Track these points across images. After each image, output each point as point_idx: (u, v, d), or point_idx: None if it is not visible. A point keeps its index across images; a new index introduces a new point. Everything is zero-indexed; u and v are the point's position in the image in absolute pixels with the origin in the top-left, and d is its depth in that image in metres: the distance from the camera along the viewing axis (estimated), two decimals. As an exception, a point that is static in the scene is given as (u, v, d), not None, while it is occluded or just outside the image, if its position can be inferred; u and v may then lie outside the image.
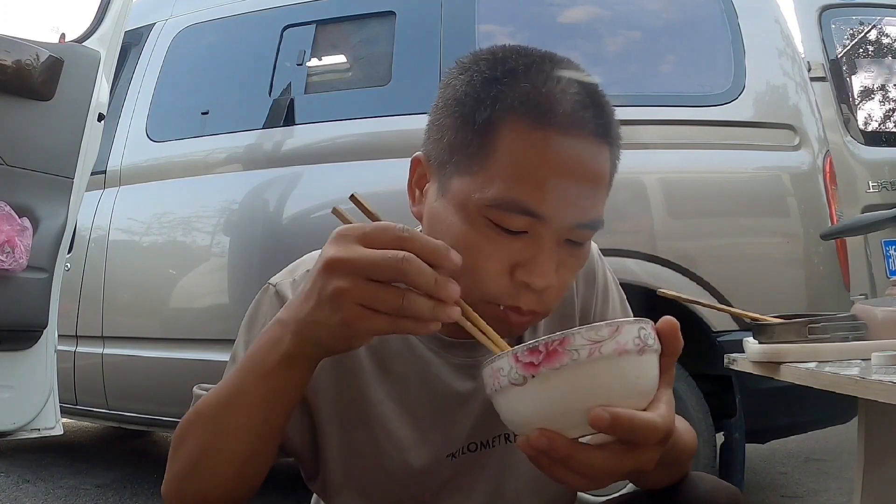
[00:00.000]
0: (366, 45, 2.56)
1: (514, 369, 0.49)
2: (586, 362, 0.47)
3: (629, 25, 2.28)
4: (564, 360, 0.47)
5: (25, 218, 1.82)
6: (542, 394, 0.48)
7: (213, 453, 0.59)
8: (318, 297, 0.51)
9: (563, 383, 0.48)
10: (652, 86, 2.14)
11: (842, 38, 3.00)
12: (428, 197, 0.70)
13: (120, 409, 2.47)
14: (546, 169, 0.60)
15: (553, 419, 0.49)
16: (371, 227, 0.51)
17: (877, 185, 2.74)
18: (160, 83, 2.65)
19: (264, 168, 2.37)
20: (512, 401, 0.50)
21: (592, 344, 0.47)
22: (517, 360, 0.49)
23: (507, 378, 0.49)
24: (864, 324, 1.03)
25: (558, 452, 0.49)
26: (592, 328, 0.48)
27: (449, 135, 0.65)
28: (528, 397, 0.49)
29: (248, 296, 2.67)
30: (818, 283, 1.98)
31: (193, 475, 0.60)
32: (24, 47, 1.79)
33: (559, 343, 0.47)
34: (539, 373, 0.48)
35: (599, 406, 0.47)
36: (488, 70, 0.64)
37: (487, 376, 0.52)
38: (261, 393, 0.57)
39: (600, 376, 0.48)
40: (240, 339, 0.75)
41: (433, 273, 0.50)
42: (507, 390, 0.50)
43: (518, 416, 0.51)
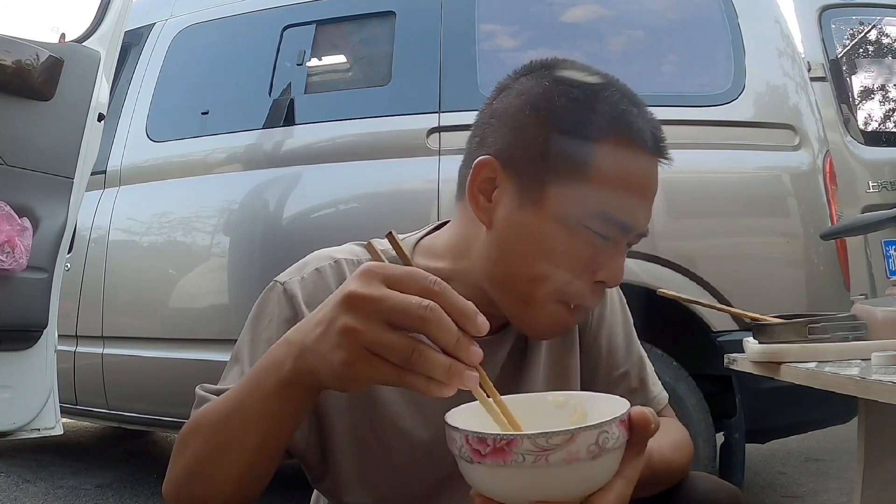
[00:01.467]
0: (366, 45, 2.56)
1: (464, 449, 0.50)
2: (530, 467, 0.47)
3: (629, 25, 2.28)
4: (508, 459, 0.48)
5: (25, 218, 1.82)
6: (487, 477, 0.50)
7: (211, 464, 0.59)
8: (327, 329, 0.49)
9: (507, 477, 0.49)
10: (652, 86, 2.13)
11: (842, 38, 3.00)
12: (502, 204, 0.70)
13: (120, 409, 2.47)
14: (639, 188, 0.69)
15: (498, 496, 0.51)
16: (401, 271, 0.49)
17: (877, 185, 2.74)
18: (160, 83, 2.65)
19: (264, 168, 2.37)
20: (463, 467, 0.52)
21: (540, 451, 0.47)
22: (467, 441, 0.49)
23: (458, 451, 0.51)
24: (864, 324, 1.02)
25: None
26: (542, 436, 0.47)
27: (540, 146, 0.68)
28: (475, 475, 0.51)
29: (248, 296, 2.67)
30: (818, 283, 1.98)
31: (192, 482, 0.61)
32: (24, 47, 1.79)
33: (506, 444, 0.47)
34: (484, 462, 0.48)
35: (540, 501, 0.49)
36: (578, 90, 0.68)
37: (448, 437, 0.53)
38: (259, 412, 0.56)
39: (545, 479, 0.48)
40: (244, 336, 0.74)
41: (458, 330, 0.47)
42: (463, 461, 0.51)
43: (469, 479, 0.53)
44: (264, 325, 0.72)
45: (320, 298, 0.70)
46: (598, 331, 0.84)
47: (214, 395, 0.67)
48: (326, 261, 0.76)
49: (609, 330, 0.85)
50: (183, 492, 0.61)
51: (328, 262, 0.75)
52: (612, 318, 0.86)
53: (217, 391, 0.68)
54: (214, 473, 0.59)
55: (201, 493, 0.60)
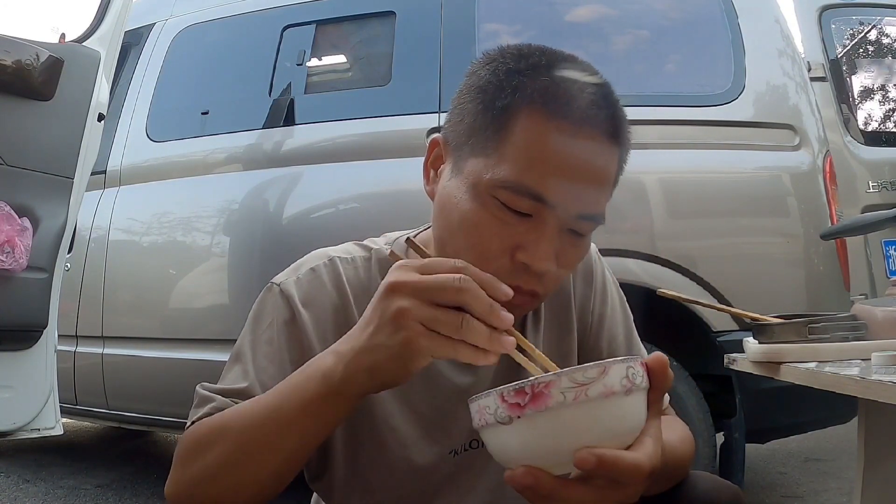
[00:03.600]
0: (366, 45, 2.56)
1: (500, 409, 0.49)
2: (572, 405, 0.47)
3: (629, 25, 2.28)
4: (550, 402, 0.47)
5: (25, 218, 1.82)
6: (528, 434, 0.49)
7: (238, 468, 0.59)
8: (380, 320, 0.53)
9: (549, 425, 0.48)
10: (652, 85, 2.13)
11: (842, 38, 3.00)
12: (442, 177, 0.73)
13: (120, 409, 2.46)
14: (556, 158, 0.64)
15: (538, 458, 0.50)
16: (429, 259, 0.55)
17: (877, 185, 2.74)
18: (160, 83, 2.65)
19: (264, 168, 2.37)
20: (498, 438, 0.51)
21: (579, 387, 0.47)
22: (503, 399, 0.49)
23: (493, 416, 0.50)
24: (864, 324, 1.02)
25: (543, 490, 0.49)
26: (579, 370, 0.48)
27: (469, 118, 0.69)
28: (514, 436, 0.49)
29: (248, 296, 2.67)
30: (818, 283, 1.98)
31: (212, 484, 0.60)
32: (24, 47, 1.79)
33: (545, 386, 0.47)
34: (524, 414, 0.48)
35: (585, 447, 0.48)
36: (512, 62, 0.68)
37: (474, 412, 0.52)
38: (300, 420, 0.57)
39: (586, 418, 0.48)
40: (244, 338, 0.74)
41: (489, 299, 0.52)
42: (494, 428, 0.50)
43: (504, 453, 0.52)
44: (264, 327, 0.73)
45: (316, 297, 0.70)
46: (598, 331, 0.84)
47: (218, 395, 0.67)
48: (321, 259, 0.76)
49: (610, 330, 0.85)
50: (197, 493, 0.61)
51: (323, 260, 0.76)
52: (612, 317, 0.86)
53: (220, 391, 0.68)
54: (241, 476, 0.59)
55: (220, 495, 0.60)
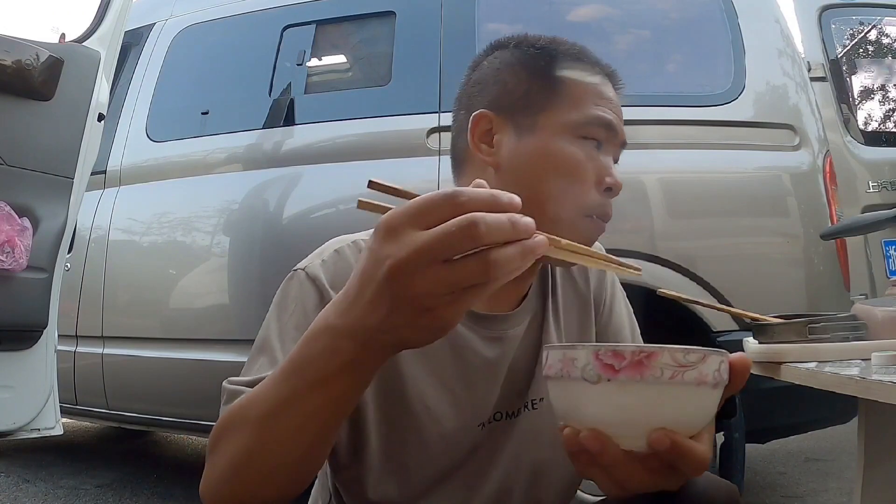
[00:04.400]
0: (366, 45, 2.56)
1: (591, 366, 0.47)
2: (666, 383, 0.47)
3: (629, 25, 2.28)
4: (647, 374, 0.46)
5: (25, 218, 1.82)
6: (612, 399, 0.47)
7: (261, 458, 0.57)
8: (393, 304, 0.46)
9: (637, 396, 0.47)
10: (652, 86, 2.13)
11: (842, 38, 3.00)
12: (504, 144, 0.78)
13: (120, 409, 2.47)
14: (605, 94, 0.78)
15: (611, 425, 0.48)
16: (419, 205, 0.45)
17: (877, 185, 2.74)
18: (160, 83, 2.65)
19: (264, 168, 2.37)
20: (576, 394, 0.49)
21: (678, 367, 0.47)
22: (597, 357, 0.47)
23: (580, 371, 0.48)
24: (864, 324, 1.02)
25: (605, 459, 0.48)
26: (681, 350, 0.47)
27: (519, 86, 0.78)
28: (596, 397, 0.48)
29: (248, 296, 2.66)
30: (818, 283, 1.98)
31: (236, 478, 0.58)
32: (24, 47, 1.79)
33: (646, 356, 0.46)
34: (617, 378, 0.46)
35: (661, 428, 0.47)
36: (542, 41, 0.81)
37: (555, 360, 0.50)
38: (318, 400, 0.53)
39: (673, 399, 0.47)
40: (270, 326, 0.73)
41: (506, 218, 0.44)
42: (575, 383, 0.48)
43: (575, 411, 0.50)
44: (290, 313, 0.72)
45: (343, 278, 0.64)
46: (607, 322, 0.88)
47: (247, 388, 0.65)
48: (344, 243, 0.77)
49: (616, 323, 0.88)
50: (222, 490, 0.59)
51: (346, 243, 0.77)
52: (619, 311, 0.89)
53: (248, 383, 0.66)
54: (264, 466, 0.57)
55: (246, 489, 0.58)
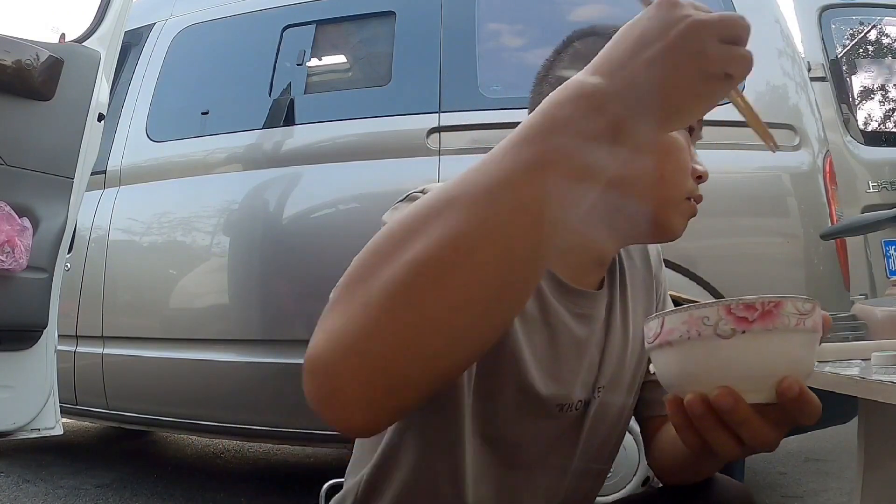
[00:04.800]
0: (366, 45, 2.56)
1: (725, 321, 0.48)
2: (793, 331, 0.49)
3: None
4: (777, 322, 0.48)
5: (25, 218, 1.82)
6: (746, 351, 0.48)
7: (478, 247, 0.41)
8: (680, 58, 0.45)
9: (769, 345, 0.48)
10: (652, 86, 2.14)
11: (842, 38, 3.00)
12: None
13: (120, 409, 2.47)
14: None
15: (742, 379, 0.49)
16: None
17: (877, 185, 2.74)
18: (160, 83, 2.65)
19: (264, 168, 2.37)
20: (705, 354, 0.49)
21: (800, 315, 0.49)
22: (730, 312, 0.48)
23: (712, 328, 0.49)
24: (864, 324, 1.03)
25: (737, 415, 0.48)
26: (797, 300, 0.49)
27: None
28: (729, 352, 0.48)
29: (248, 296, 2.66)
30: (818, 283, 1.98)
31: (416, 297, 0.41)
32: (24, 47, 1.79)
33: (775, 305, 0.48)
34: (751, 329, 0.48)
35: (789, 376, 0.49)
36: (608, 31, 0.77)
37: (678, 322, 0.50)
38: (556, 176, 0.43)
39: (799, 347, 0.50)
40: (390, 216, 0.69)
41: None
42: (705, 342, 0.49)
43: (703, 372, 0.50)
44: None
45: None
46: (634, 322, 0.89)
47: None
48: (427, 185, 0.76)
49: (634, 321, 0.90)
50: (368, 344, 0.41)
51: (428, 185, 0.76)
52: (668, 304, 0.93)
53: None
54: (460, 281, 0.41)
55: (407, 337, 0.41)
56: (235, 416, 2.26)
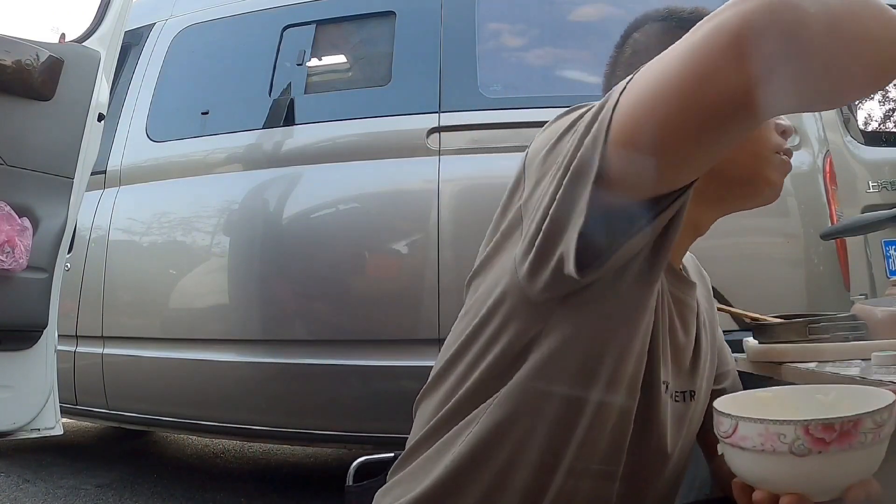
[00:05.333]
0: (366, 45, 2.56)
1: (801, 441, 0.49)
2: (869, 445, 0.49)
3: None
4: (854, 441, 0.49)
5: (25, 218, 1.82)
6: (819, 469, 0.49)
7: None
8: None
9: (844, 462, 0.49)
10: (652, 86, 2.13)
11: (842, 38, 3.00)
12: None
13: (120, 409, 2.47)
14: None
15: (812, 488, 0.51)
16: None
17: (877, 185, 2.74)
18: (160, 83, 2.65)
19: (264, 168, 2.37)
20: (779, 467, 0.50)
21: (877, 428, 0.49)
22: (807, 432, 0.49)
23: (787, 446, 0.50)
24: (864, 324, 1.02)
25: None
26: (878, 412, 0.50)
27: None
28: (803, 469, 0.50)
29: (247, 296, 2.66)
30: (818, 283, 1.98)
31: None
32: (24, 47, 1.79)
33: (853, 425, 0.49)
34: (828, 451, 0.49)
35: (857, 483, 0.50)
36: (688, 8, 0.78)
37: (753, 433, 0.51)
38: None
39: (871, 457, 0.50)
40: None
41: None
42: (780, 457, 0.50)
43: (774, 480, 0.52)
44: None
45: None
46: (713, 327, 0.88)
47: None
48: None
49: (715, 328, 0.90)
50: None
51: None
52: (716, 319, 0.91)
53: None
54: None
55: None
56: (235, 416, 2.26)
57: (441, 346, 0.75)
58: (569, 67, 2.30)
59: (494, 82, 2.24)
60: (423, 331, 2.04)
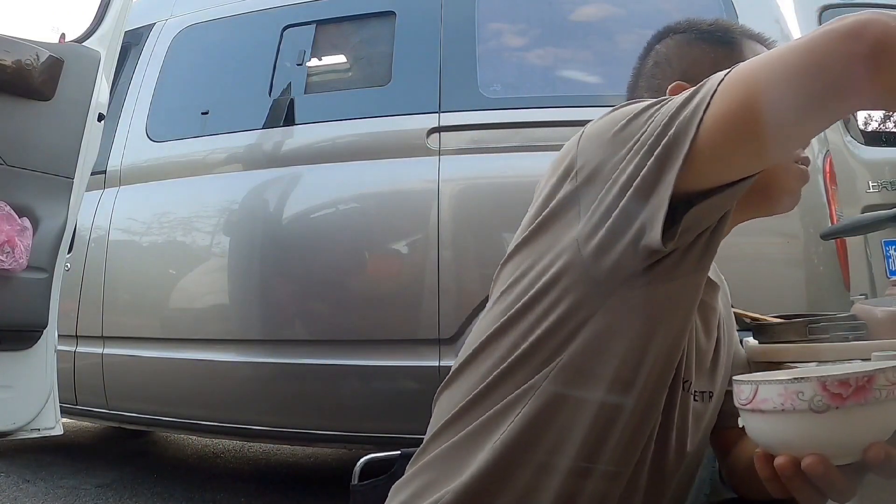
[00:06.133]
0: (366, 45, 2.56)
1: (819, 397, 0.50)
2: (884, 402, 0.51)
3: (629, 25, 2.28)
4: (869, 397, 0.50)
5: (25, 218, 1.82)
6: (839, 425, 0.51)
7: None
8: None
9: (861, 418, 0.51)
10: (652, 86, 2.13)
11: (842, 38, 3.00)
12: None
13: (120, 409, 2.47)
14: None
15: (832, 447, 0.52)
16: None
17: (877, 185, 2.74)
18: (160, 83, 2.65)
19: (264, 168, 2.37)
20: (798, 425, 0.52)
21: (890, 385, 0.51)
22: (825, 388, 0.50)
23: (806, 403, 0.51)
24: (864, 324, 1.02)
25: (826, 479, 0.52)
26: (889, 369, 0.51)
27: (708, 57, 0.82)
28: (823, 426, 0.51)
29: (247, 296, 2.65)
30: (818, 283, 1.98)
31: None
32: (24, 47, 1.79)
33: (868, 380, 0.50)
34: (845, 406, 0.50)
35: (875, 442, 0.52)
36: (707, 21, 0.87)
37: (773, 394, 0.52)
38: None
39: (888, 415, 0.52)
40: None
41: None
42: (800, 415, 0.51)
43: (795, 440, 0.53)
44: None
45: None
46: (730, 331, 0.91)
47: None
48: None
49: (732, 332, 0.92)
50: None
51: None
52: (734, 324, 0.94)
53: None
54: None
55: None
56: (235, 416, 2.26)
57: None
58: (569, 67, 2.30)
59: (494, 82, 2.24)
60: (422, 331, 2.03)
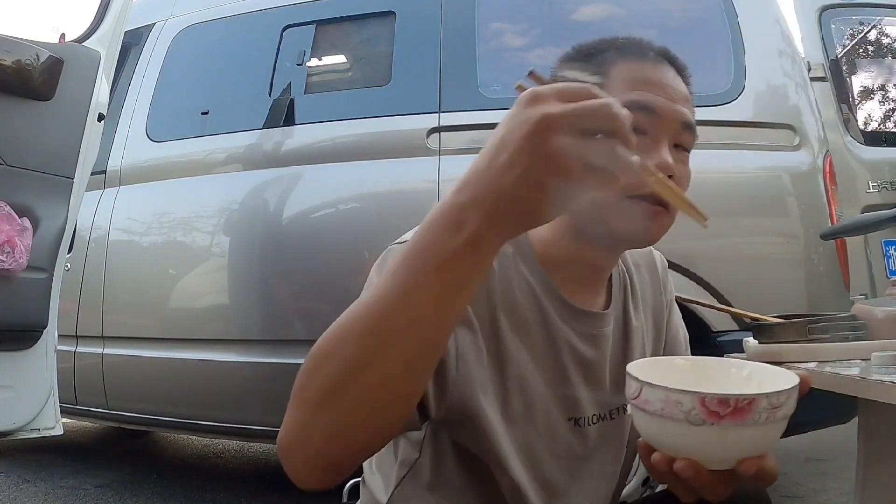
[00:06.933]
0: (366, 45, 2.56)
1: (697, 411, 0.51)
2: (763, 424, 0.51)
3: (629, 25, 2.28)
4: (747, 419, 0.51)
5: (25, 218, 1.82)
6: (712, 439, 0.52)
7: (364, 372, 0.51)
8: (531, 160, 0.46)
9: (736, 436, 0.51)
10: (652, 86, 2.13)
11: (842, 38, 3.00)
12: None
13: (120, 409, 2.47)
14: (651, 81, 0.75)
15: (703, 455, 0.53)
16: (563, 85, 0.48)
17: (877, 185, 2.74)
18: (160, 83, 2.65)
19: (264, 168, 2.37)
20: (675, 432, 0.53)
21: (772, 409, 0.51)
22: (703, 404, 0.51)
23: (684, 414, 0.52)
24: (864, 324, 1.03)
25: (697, 482, 0.53)
26: (775, 394, 0.51)
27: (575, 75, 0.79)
28: (697, 437, 0.52)
29: (247, 296, 2.65)
30: (818, 283, 1.98)
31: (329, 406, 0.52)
32: (24, 47, 1.79)
33: (748, 403, 0.51)
34: (721, 424, 0.51)
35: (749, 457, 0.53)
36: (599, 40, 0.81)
37: (656, 398, 0.54)
38: (438, 288, 0.50)
39: (764, 435, 0.52)
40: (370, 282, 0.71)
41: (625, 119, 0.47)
42: (677, 423, 0.52)
43: (670, 444, 0.54)
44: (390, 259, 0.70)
45: None
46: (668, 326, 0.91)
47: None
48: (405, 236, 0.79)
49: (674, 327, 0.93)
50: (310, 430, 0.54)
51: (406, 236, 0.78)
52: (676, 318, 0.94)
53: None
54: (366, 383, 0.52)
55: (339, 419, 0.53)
56: (235, 416, 2.26)
57: None
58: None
59: (494, 82, 2.24)
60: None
